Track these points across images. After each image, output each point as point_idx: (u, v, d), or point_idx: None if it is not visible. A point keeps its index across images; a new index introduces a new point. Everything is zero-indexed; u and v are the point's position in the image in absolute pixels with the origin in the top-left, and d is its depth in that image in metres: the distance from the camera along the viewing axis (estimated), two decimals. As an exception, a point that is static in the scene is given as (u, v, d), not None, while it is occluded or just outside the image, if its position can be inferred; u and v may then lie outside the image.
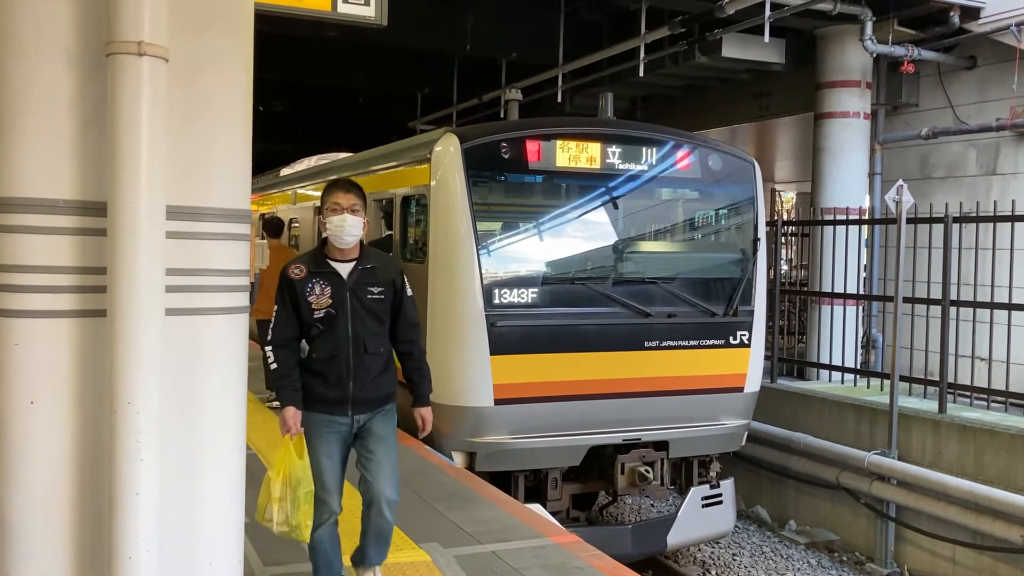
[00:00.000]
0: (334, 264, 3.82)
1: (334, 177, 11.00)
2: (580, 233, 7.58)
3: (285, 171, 14.12)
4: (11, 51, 2.72)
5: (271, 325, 3.80)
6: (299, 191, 12.06)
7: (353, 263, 3.83)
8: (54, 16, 2.70)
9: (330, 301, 3.76)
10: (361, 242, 3.89)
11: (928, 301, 8.73)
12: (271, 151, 19.88)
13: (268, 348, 3.78)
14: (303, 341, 3.89)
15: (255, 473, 4.19)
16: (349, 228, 3.74)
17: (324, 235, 3.83)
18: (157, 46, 2.63)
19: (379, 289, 3.85)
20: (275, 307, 3.82)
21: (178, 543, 2.82)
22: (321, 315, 3.76)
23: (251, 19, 3.01)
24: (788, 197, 22.50)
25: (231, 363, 2.98)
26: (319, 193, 11.07)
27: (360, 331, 3.79)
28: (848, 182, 10.89)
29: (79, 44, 2.72)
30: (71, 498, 2.75)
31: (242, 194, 2.98)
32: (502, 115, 14.29)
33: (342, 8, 3.88)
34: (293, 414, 3.72)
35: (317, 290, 3.75)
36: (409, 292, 3.97)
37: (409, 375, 4.05)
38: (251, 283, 3.86)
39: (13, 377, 2.73)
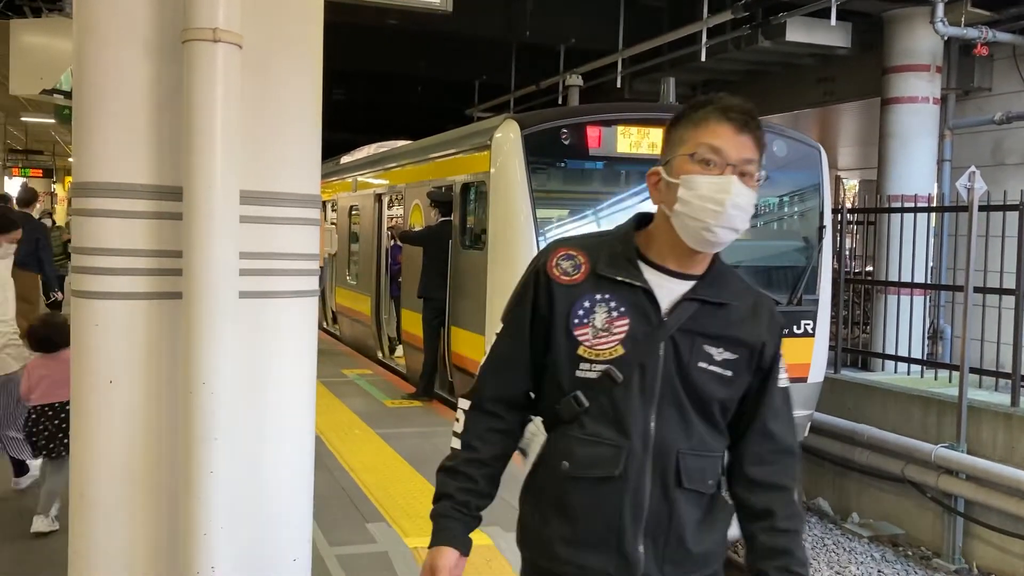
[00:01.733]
0: (652, 274, 1.82)
1: (393, 166, 11.12)
2: (641, 220, 7.51)
3: (345, 159, 14.27)
4: (92, 40, 2.79)
5: (483, 361, 1.96)
6: (359, 179, 12.18)
7: (692, 284, 1.83)
8: (132, 5, 2.75)
9: (622, 351, 1.78)
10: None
11: (1000, 291, 8.46)
12: (331, 140, 20.11)
13: (463, 404, 1.91)
14: (539, 419, 1.92)
15: (320, 456, 4.26)
16: (732, 211, 1.72)
17: (667, 208, 1.81)
18: (231, 32, 2.67)
19: (728, 355, 1.83)
20: (500, 326, 1.98)
21: (249, 521, 2.88)
22: (595, 375, 1.79)
23: (321, 5, 3.03)
24: (851, 184, 22.02)
25: (301, 346, 3.02)
26: (378, 180, 11.23)
27: (672, 433, 1.79)
28: (916, 169, 10.59)
29: (156, 32, 2.77)
30: (148, 475, 2.82)
31: (312, 179, 3.02)
32: (560, 101, 14.23)
33: (408, -6, 3.90)
34: (451, 565, 1.80)
35: (600, 317, 1.79)
36: (782, 375, 1.93)
37: (757, 563, 1.91)
38: (320, 267, 3.68)
39: (93, 357, 2.81)
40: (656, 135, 7.23)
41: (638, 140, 7.18)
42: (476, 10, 11.69)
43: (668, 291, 1.81)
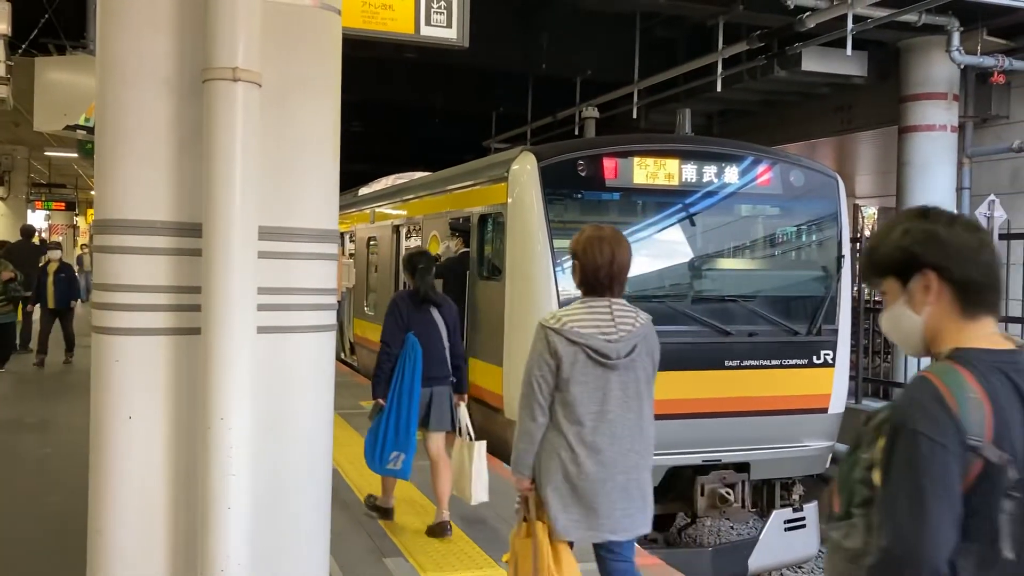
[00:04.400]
0: None
1: (411, 197, 11.21)
2: (658, 250, 7.50)
3: (363, 190, 14.37)
4: (114, 80, 2.84)
5: None
6: (377, 210, 12.26)
7: None
8: (154, 46, 2.80)
9: None
10: None
11: (1022, 320, 8.38)
12: (349, 171, 20.28)
13: None
14: None
15: (337, 490, 4.25)
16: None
17: None
18: (251, 71, 2.71)
19: None
20: None
21: (267, 556, 2.87)
22: None
23: (339, 44, 3.07)
24: (870, 213, 21.94)
25: (318, 380, 3.03)
26: (396, 211, 11.29)
27: None
28: (934, 197, 10.56)
29: (176, 72, 2.82)
30: (166, 511, 2.83)
31: (330, 214, 3.04)
32: (576, 133, 14.31)
33: (425, 31, 3.95)
34: None
35: None
36: None
37: None
38: (338, 302, 3.69)
39: (112, 392, 2.83)
40: (673, 166, 7.24)
41: (654, 171, 7.18)
42: (493, 43, 11.82)
43: None
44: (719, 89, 11.41)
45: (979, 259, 1.73)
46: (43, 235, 25.89)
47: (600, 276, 3.29)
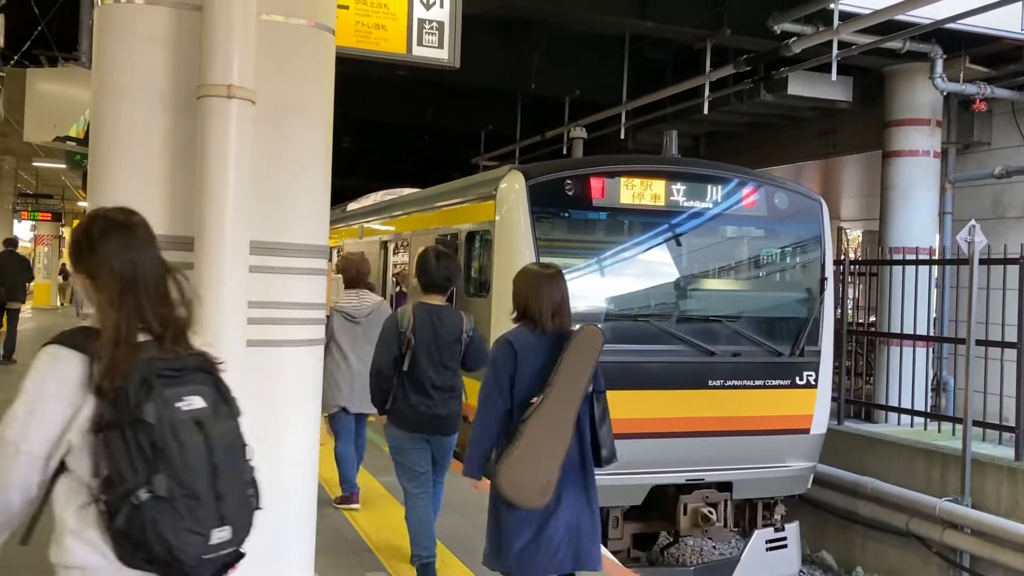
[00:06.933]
0: None
1: (399, 213, 11.26)
2: (644, 270, 7.57)
3: (352, 206, 14.41)
4: (110, 94, 2.88)
5: None
6: (366, 225, 12.30)
7: None
8: (150, 61, 2.85)
9: None
10: None
11: (1002, 344, 8.47)
12: (338, 186, 20.27)
13: None
14: None
15: (320, 503, 4.26)
16: None
17: None
18: (245, 89, 2.75)
19: None
20: None
21: (251, 570, 2.88)
22: None
23: (332, 63, 3.13)
24: (854, 235, 22.15)
25: (307, 393, 3.06)
26: (385, 227, 11.33)
27: None
28: (917, 221, 10.69)
29: (172, 87, 2.86)
30: (152, 522, 2.84)
31: (321, 230, 3.08)
32: (564, 152, 14.40)
33: (417, 51, 4.01)
34: None
35: None
36: None
37: None
38: (327, 316, 3.84)
39: (101, 403, 2.85)
40: (659, 186, 7.33)
41: (641, 191, 7.27)
42: (483, 62, 11.91)
43: None
44: (706, 111, 11.53)
45: (430, 273, 4.62)
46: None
47: (355, 278, 6.25)
